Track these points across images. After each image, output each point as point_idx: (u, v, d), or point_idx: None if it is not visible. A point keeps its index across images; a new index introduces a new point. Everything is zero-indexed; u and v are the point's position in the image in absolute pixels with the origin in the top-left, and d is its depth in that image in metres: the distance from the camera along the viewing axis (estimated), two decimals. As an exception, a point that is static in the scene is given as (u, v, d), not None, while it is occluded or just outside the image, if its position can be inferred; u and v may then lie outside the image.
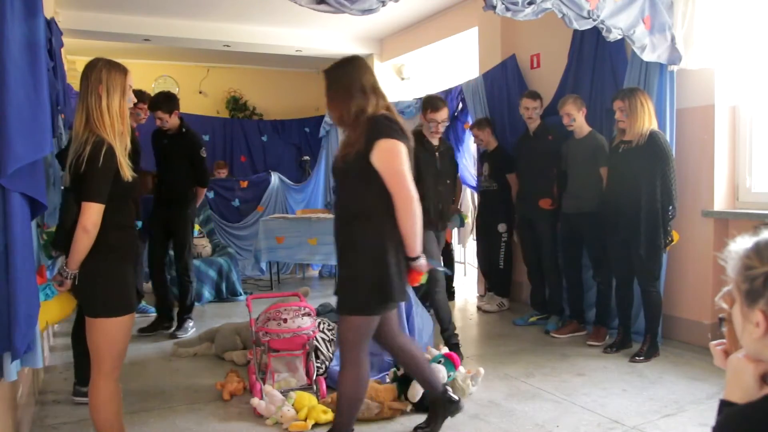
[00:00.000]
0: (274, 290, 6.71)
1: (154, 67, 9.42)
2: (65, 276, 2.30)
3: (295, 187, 8.06)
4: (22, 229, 2.04)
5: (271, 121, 9.65)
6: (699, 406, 3.24)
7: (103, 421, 2.40)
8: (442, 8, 7.05)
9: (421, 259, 2.55)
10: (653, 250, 3.94)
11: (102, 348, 2.36)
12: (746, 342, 1.11)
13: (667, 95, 4.26)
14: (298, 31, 7.82)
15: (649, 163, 3.92)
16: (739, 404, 1.09)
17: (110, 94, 2.34)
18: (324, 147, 8.05)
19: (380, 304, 2.53)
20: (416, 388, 3.16)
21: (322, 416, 3.05)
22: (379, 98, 2.60)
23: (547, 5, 3.53)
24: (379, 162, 2.44)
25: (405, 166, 2.46)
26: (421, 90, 8.11)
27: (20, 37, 2.03)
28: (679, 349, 4.20)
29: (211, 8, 6.84)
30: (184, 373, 3.92)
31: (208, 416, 3.23)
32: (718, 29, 3.98)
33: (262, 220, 6.95)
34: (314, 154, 8.68)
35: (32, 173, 2.09)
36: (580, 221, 4.47)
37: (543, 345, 4.44)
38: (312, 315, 3.55)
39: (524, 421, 3.09)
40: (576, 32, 4.95)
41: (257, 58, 9.05)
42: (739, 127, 4.21)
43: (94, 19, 6.80)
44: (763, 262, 1.06)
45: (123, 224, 2.41)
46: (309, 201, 8.05)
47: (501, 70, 5.83)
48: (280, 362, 3.54)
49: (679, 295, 4.38)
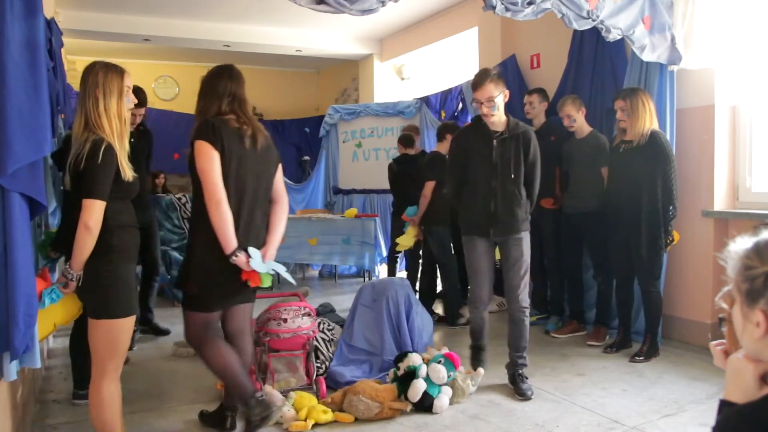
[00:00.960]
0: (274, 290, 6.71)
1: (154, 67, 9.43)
2: (69, 278, 2.30)
3: (295, 187, 8.06)
4: (22, 230, 2.03)
5: (271, 121, 9.65)
6: (699, 406, 3.24)
7: (104, 422, 2.40)
8: (442, 8, 7.05)
9: (238, 256, 2.60)
10: (654, 250, 3.94)
11: (103, 348, 2.37)
12: (746, 342, 1.11)
13: (667, 95, 4.26)
14: (298, 31, 7.83)
15: (649, 163, 3.92)
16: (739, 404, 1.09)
17: (107, 96, 2.35)
18: (324, 147, 8.06)
19: (204, 301, 2.75)
20: (416, 388, 3.17)
21: (322, 416, 3.05)
22: (233, 104, 2.75)
23: (546, 5, 3.53)
24: (194, 161, 2.64)
25: (209, 165, 2.59)
26: (421, 90, 8.12)
27: (20, 37, 2.03)
28: (679, 349, 4.20)
29: (211, 8, 6.84)
30: (184, 373, 3.92)
31: (208, 416, 3.22)
32: (718, 29, 3.98)
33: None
34: (314, 154, 8.68)
35: (32, 173, 2.09)
36: (581, 221, 4.48)
37: (543, 345, 4.43)
38: (312, 315, 3.55)
39: (524, 421, 3.09)
40: (576, 32, 4.95)
41: (257, 58, 9.05)
42: (739, 127, 4.22)
43: (94, 19, 6.80)
44: (763, 262, 1.06)
45: (125, 224, 2.42)
46: (309, 201, 8.06)
47: (501, 70, 5.80)
48: (280, 362, 3.54)
49: (679, 295, 4.38)
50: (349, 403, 3.10)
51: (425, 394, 3.17)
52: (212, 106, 2.72)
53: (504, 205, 3.43)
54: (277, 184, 2.90)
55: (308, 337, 3.49)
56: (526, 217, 3.51)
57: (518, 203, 3.45)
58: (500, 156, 3.43)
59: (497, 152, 3.43)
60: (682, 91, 4.33)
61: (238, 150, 2.66)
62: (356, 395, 3.10)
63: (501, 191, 3.43)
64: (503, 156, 3.43)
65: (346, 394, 3.15)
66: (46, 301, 2.30)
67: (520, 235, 3.49)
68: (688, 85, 4.30)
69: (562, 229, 4.68)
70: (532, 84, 5.53)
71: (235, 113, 2.74)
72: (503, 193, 3.43)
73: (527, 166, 3.48)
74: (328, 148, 8.02)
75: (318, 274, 7.85)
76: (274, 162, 2.87)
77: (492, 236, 3.50)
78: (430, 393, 3.18)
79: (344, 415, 3.09)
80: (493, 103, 3.33)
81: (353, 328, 3.93)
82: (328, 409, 3.10)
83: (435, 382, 3.22)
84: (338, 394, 3.21)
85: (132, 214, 2.49)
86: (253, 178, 2.74)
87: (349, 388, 3.19)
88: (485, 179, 3.45)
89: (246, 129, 2.72)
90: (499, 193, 3.43)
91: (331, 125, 7.96)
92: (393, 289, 3.94)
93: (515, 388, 3.44)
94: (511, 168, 3.43)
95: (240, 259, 2.61)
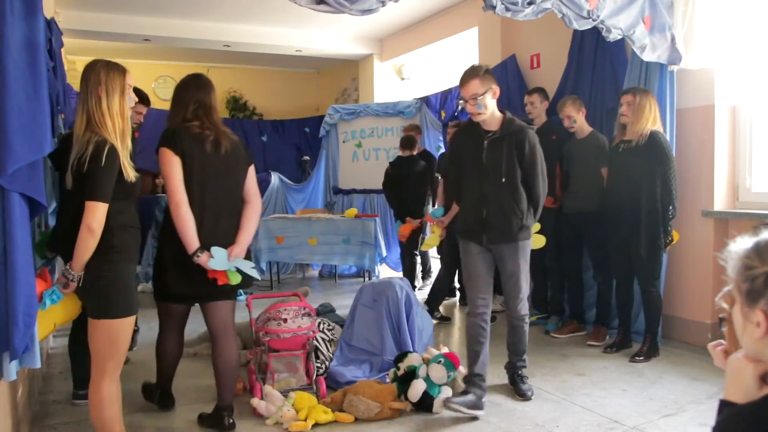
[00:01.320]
0: (274, 290, 6.71)
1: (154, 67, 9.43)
2: (70, 278, 2.30)
3: (295, 187, 8.07)
4: (21, 230, 2.03)
5: (271, 121, 9.66)
6: (699, 406, 3.24)
7: (103, 421, 2.40)
8: (442, 8, 7.05)
9: (199, 255, 2.75)
10: (653, 250, 3.94)
11: (104, 349, 2.37)
12: (746, 342, 1.11)
13: (667, 95, 4.26)
14: (298, 31, 7.83)
15: (649, 163, 3.92)
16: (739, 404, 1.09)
17: (110, 95, 2.35)
18: (324, 147, 8.06)
19: (162, 294, 3.03)
20: (416, 388, 3.17)
21: (322, 416, 3.05)
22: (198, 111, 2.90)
23: (546, 5, 3.53)
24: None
25: (170, 170, 2.76)
26: (421, 90, 8.12)
27: (20, 37, 2.03)
28: (679, 349, 4.20)
29: (211, 8, 6.84)
30: (184, 373, 3.91)
31: (208, 416, 3.22)
32: (718, 29, 3.98)
33: (262, 220, 6.95)
34: (314, 154, 8.68)
35: (32, 173, 2.09)
36: (581, 221, 4.48)
37: (543, 345, 4.43)
38: (312, 315, 3.55)
39: (524, 421, 3.09)
40: (576, 32, 4.95)
41: (257, 58, 9.06)
42: (739, 127, 4.21)
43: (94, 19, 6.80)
44: (763, 262, 1.06)
45: (126, 225, 2.42)
46: (309, 201, 8.05)
47: (501, 70, 5.83)
48: (280, 362, 3.54)
49: (679, 295, 4.38)
50: (349, 403, 3.10)
51: (425, 394, 3.17)
52: (178, 114, 2.90)
53: (496, 211, 3.19)
54: (249, 186, 3.03)
55: (308, 337, 3.49)
56: (524, 224, 3.23)
57: (513, 210, 3.19)
58: (491, 158, 3.19)
59: (487, 154, 3.20)
60: (682, 91, 4.33)
61: (199, 155, 2.81)
62: (356, 395, 3.10)
63: (492, 196, 3.20)
64: (494, 158, 3.18)
65: (346, 394, 3.15)
66: (46, 302, 2.30)
67: (517, 244, 3.24)
68: (688, 85, 4.30)
69: (562, 229, 4.68)
70: (532, 84, 5.53)
71: (199, 120, 2.89)
72: (495, 199, 3.19)
73: (524, 169, 3.20)
74: (328, 148, 8.02)
75: (318, 274, 7.85)
76: (241, 164, 2.98)
77: (485, 243, 3.27)
78: (430, 393, 3.18)
79: (344, 415, 3.09)
80: (477, 101, 3.10)
81: (353, 328, 3.93)
82: (328, 409, 3.10)
83: (435, 382, 3.22)
84: (338, 394, 3.21)
85: (133, 214, 2.49)
86: (217, 180, 2.86)
87: (349, 388, 3.20)
88: (476, 183, 3.24)
89: (208, 134, 2.86)
90: (490, 198, 3.20)
91: (331, 125, 7.96)
92: (393, 289, 3.94)
93: (515, 389, 3.44)
94: (502, 171, 3.17)
95: (201, 259, 2.76)
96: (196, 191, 2.79)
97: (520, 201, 3.21)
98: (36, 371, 3.48)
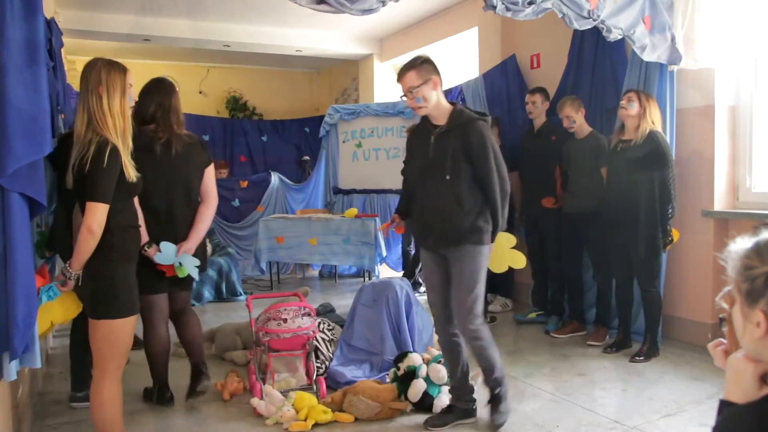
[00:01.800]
0: (274, 290, 6.71)
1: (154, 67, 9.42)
2: (68, 276, 2.30)
3: (295, 187, 8.06)
4: (21, 230, 2.03)
5: (271, 121, 9.66)
6: (699, 406, 3.24)
7: (104, 422, 2.40)
8: (442, 8, 7.05)
9: (146, 249, 2.93)
10: (653, 250, 3.94)
11: (105, 349, 2.36)
12: (746, 342, 1.11)
13: (667, 95, 4.26)
14: (298, 31, 7.82)
15: (647, 163, 3.91)
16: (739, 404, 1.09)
17: (110, 94, 2.35)
18: (324, 147, 8.05)
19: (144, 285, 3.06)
20: (416, 388, 3.17)
21: (322, 416, 3.05)
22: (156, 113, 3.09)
23: (547, 5, 3.52)
24: None
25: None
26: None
27: (20, 37, 2.03)
28: (679, 349, 4.20)
29: (211, 8, 6.84)
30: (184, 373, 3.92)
31: (208, 416, 3.23)
32: (718, 29, 3.98)
33: (262, 220, 6.95)
34: (314, 154, 8.67)
35: (32, 173, 2.09)
36: (581, 221, 4.48)
37: (543, 345, 4.44)
38: (312, 315, 3.55)
39: (524, 421, 3.09)
40: (576, 32, 4.95)
41: (257, 58, 9.05)
42: (739, 127, 4.21)
43: (94, 19, 6.80)
44: (763, 262, 1.06)
45: (127, 225, 2.42)
46: (309, 201, 8.05)
47: (501, 70, 5.83)
48: (280, 362, 3.54)
49: (679, 295, 4.38)
50: (349, 403, 3.10)
51: (425, 394, 3.17)
52: (138, 117, 3.02)
53: (438, 212, 2.88)
54: (205, 185, 3.23)
55: (308, 337, 3.49)
56: (474, 226, 2.86)
57: (454, 209, 2.84)
58: (436, 154, 2.88)
59: (433, 149, 2.89)
60: (682, 91, 4.32)
61: (149, 156, 2.94)
62: (356, 395, 3.10)
63: (435, 195, 2.89)
64: (439, 153, 2.87)
65: (346, 394, 3.15)
66: (43, 297, 2.30)
67: (463, 247, 2.87)
68: (688, 85, 4.30)
69: (562, 229, 4.68)
70: (532, 84, 5.53)
71: (156, 122, 3.10)
72: (437, 198, 2.88)
73: (474, 164, 2.84)
74: (328, 148, 8.01)
75: (318, 274, 7.85)
76: (195, 165, 3.19)
77: (431, 248, 2.98)
78: (430, 393, 3.18)
79: (344, 415, 3.09)
80: (413, 93, 2.84)
81: (353, 328, 3.93)
82: (328, 409, 3.10)
83: (435, 382, 3.21)
84: (338, 394, 3.21)
85: (133, 214, 2.49)
86: (167, 180, 3.06)
87: (349, 388, 3.20)
88: (421, 182, 2.96)
89: (161, 137, 3.06)
90: (432, 197, 2.90)
91: (331, 125, 7.96)
92: (393, 289, 3.94)
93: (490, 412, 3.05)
94: (446, 167, 2.83)
95: (149, 252, 2.95)
96: (147, 191, 2.81)
97: (464, 200, 2.85)
98: (36, 371, 3.48)
